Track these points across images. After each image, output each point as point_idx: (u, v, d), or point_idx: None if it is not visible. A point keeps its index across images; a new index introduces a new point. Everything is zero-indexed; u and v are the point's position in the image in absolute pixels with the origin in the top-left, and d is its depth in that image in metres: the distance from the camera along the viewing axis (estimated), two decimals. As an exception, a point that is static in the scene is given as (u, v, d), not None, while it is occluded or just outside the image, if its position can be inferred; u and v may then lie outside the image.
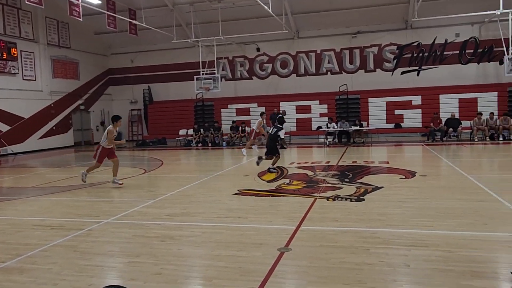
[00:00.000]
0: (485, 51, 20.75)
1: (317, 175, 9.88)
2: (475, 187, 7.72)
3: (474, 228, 5.27)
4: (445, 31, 21.09)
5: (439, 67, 21.40)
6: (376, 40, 22.17)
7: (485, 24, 20.43)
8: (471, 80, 20.99)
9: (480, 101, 20.06)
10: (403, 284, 3.74)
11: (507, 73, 18.19)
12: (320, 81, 22.86)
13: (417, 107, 20.96)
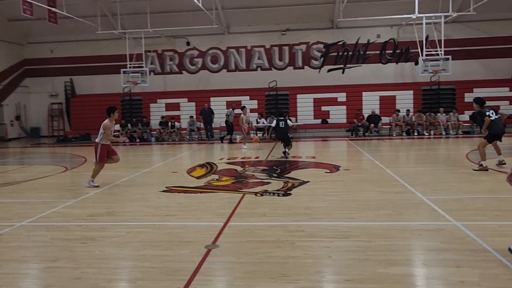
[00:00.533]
0: (403, 52, 22.23)
1: (246, 170, 9.97)
2: (392, 180, 8.26)
3: (391, 218, 5.63)
4: (368, 32, 22.26)
5: (362, 66, 22.56)
6: (304, 38, 22.82)
7: (403, 27, 21.89)
8: (390, 79, 22.41)
9: (398, 99, 21.50)
10: (325, 275, 3.89)
11: (421, 73, 19.69)
12: (250, 77, 23.06)
13: (342, 104, 21.95)
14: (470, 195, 6.81)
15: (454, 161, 10.91)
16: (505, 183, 7.69)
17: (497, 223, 5.22)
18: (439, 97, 21.28)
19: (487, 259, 4.07)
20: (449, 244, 4.53)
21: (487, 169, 8.85)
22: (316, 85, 22.47)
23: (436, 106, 20.31)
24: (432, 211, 5.87)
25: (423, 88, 21.64)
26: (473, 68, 21.70)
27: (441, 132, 18.57)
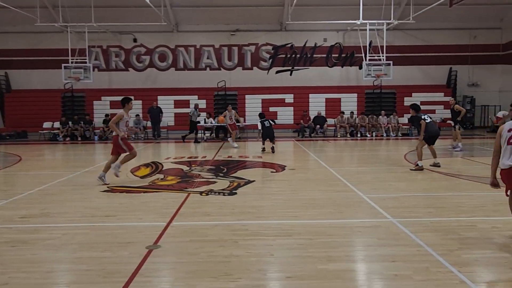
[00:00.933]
0: (348, 56, 23.01)
1: (192, 170, 9.85)
2: (335, 179, 8.50)
3: (332, 216, 5.79)
4: (315, 35, 22.82)
5: (309, 69, 23.08)
6: (254, 39, 22.96)
7: (348, 32, 22.64)
8: (336, 82, 23.10)
9: (343, 101, 22.21)
10: (266, 273, 3.92)
11: (364, 77, 20.46)
12: (199, 76, 22.85)
13: (290, 105, 22.33)
14: (406, 193, 7.15)
15: (393, 162, 11.42)
16: (438, 182, 8.19)
17: (430, 219, 5.52)
18: (381, 100, 22.24)
19: (419, 253, 4.29)
20: (385, 240, 4.73)
21: (422, 169, 9.35)
22: (265, 86, 22.69)
23: (378, 109, 21.22)
24: (371, 209, 6.11)
25: (366, 91, 22.51)
26: (412, 74, 22.89)
27: (382, 133, 19.42)
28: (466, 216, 5.66)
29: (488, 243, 4.59)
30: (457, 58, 23.09)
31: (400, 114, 21.00)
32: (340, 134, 19.47)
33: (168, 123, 20.75)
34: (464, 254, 4.25)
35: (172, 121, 21.80)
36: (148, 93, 22.18)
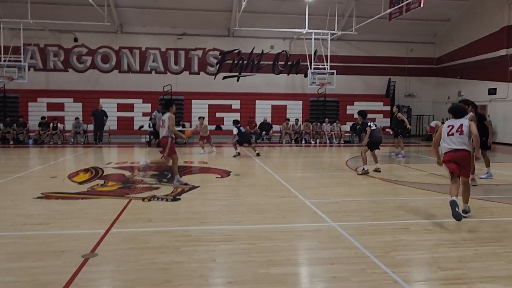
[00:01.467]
0: (294, 64, 23.53)
1: (135, 175, 9.57)
2: (279, 185, 8.61)
3: (275, 221, 5.85)
4: (262, 42, 23.12)
5: (256, 75, 23.33)
6: (201, 43, 22.85)
7: (294, 40, 23.16)
8: (282, 89, 23.53)
9: (289, 108, 22.65)
10: (208, 278, 3.87)
11: (309, 85, 21.01)
12: (144, 79, 22.33)
13: (236, 111, 22.36)
14: (346, 198, 7.40)
15: (335, 168, 11.78)
16: (377, 187, 8.55)
17: (368, 222, 5.74)
18: (325, 108, 22.94)
19: (357, 255, 4.44)
20: (325, 244, 4.85)
21: (368, 172, 9.73)
22: (211, 91, 22.61)
23: (322, 116, 21.84)
24: (313, 214, 6.24)
25: (311, 99, 23.12)
26: (354, 83, 23.85)
27: (325, 141, 19.99)
28: (401, 219, 5.94)
29: (420, 245, 4.85)
30: (396, 69, 24.40)
31: (343, 122, 21.76)
32: (285, 141, 19.80)
33: (111, 127, 20.02)
34: (398, 255, 4.46)
35: (115, 125, 21.06)
36: (90, 95, 21.32)
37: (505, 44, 19.39)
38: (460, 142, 5.94)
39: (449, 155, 5.99)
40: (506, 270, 4.06)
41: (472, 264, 4.19)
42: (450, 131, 6.05)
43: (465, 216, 5.85)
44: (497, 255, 4.48)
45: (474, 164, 8.68)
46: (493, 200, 7.28)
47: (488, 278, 3.85)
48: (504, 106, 19.56)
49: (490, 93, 20.39)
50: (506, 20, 19.33)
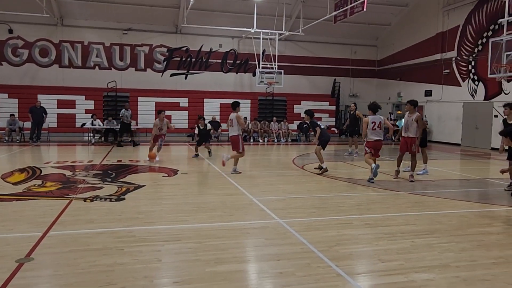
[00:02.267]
0: (242, 63, 23.61)
1: (76, 175, 9.15)
2: (227, 183, 8.61)
3: (222, 219, 5.83)
4: (211, 40, 22.98)
5: (204, 73, 23.16)
6: (147, 40, 22.30)
7: (243, 39, 23.24)
8: (231, 88, 23.53)
9: (237, 107, 22.66)
10: (153, 279, 3.78)
11: (258, 84, 21.19)
12: (87, 75, 21.44)
13: (184, 109, 22.10)
14: (293, 195, 7.53)
15: (282, 166, 11.96)
16: (322, 184, 8.79)
17: (312, 219, 5.89)
18: (273, 107, 23.24)
19: (302, 251, 4.54)
20: (272, 240, 4.91)
21: (327, 170, 9.87)
22: (159, 89, 22.16)
23: (270, 115, 22.10)
24: (260, 211, 6.30)
25: (259, 98, 23.32)
26: (301, 83, 24.36)
27: (273, 139, 20.25)
28: (344, 214, 6.15)
29: (362, 238, 5.05)
30: (340, 70, 25.22)
31: (290, 120, 22.15)
32: (234, 139, 19.79)
33: (50, 125, 19.01)
34: (342, 249, 4.61)
35: (55, 122, 20.03)
36: (26, 91, 20.14)
37: (439, 49, 20.67)
38: (380, 134, 8.85)
39: (374, 144, 8.77)
40: (439, 260, 4.32)
41: (409, 255, 4.42)
42: (373, 127, 8.65)
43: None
44: (431, 246, 4.76)
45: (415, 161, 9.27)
46: (428, 195, 7.72)
47: (423, 268, 4.07)
48: (439, 107, 20.84)
49: (427, 95, 21.63)
50: (440, 26, 20.60)
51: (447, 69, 20.27)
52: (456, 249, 4.69)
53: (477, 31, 18.68)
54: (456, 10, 19.76)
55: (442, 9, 20.46)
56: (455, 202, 7.21)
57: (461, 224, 5.71)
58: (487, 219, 6.11)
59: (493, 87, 17.55)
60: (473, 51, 18.91)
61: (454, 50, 19.95)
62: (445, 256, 4.44)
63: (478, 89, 18.60)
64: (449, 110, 20.12)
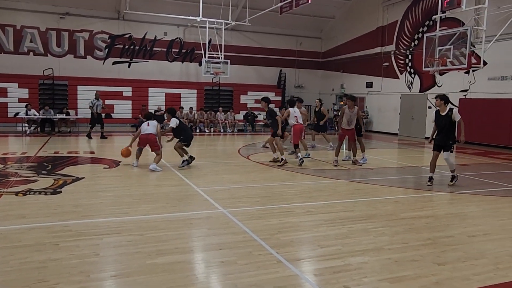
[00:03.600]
0: (188, 52, 23.22)
1: (7, 167, 8.60)
2: (171, 173, 8.48)
3: (165, 210, 5.75)
4: (155, 28, 22.35)
5: (149, 62, 22.53)
6: (87, 25, 21.28)
7: (189, 28, 22.83)
8: (176, 77, 23.10)
9: (183, 97, 22.34)
10: (89, 274, 3.65)
11: (204, 73, 20.96)
12: (20, 61, 20.10)
13: (128, 99, 21.40)
14: (237, 185, 7.57)
15: (228, 156, 11.98)
16: (266, 174, 8.88)
17: (256, 208, 5.96)
18: (219, 97, 23.12)
19: (244, 239, 4.58)
20: (215, 230, 4.92)
21: (287, 162, 9.78)
22: (100, 77, 21.28)
23: (216, 105, 21.97)
24: (204, 201, 6.28)
25: (205, 88, 23.09)
26: (247, 73, 24.41)
27: (219, 129, 20.18)
28: (287, 203, 6.28)
29: (303, 226, 5.19)
30: (286, 61, 25.54)
31: (237, 111, 22.15)
32: (179, 129, 19.50)
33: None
34: (283, 237, 4.71)
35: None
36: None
37: (379, 42, 21.52)
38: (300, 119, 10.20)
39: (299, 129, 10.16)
40: (374, 243, 4.54)
41: (346, 240, 4.61)
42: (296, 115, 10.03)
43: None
44: (367, 231, 4.99)
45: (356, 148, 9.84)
46: (367, 182, 8.08)
47: (358, 252, 4.26)
48: (379, 98, 21.76)
49: (368, 86, 22.50)
50: (380, 21, 21.43)
51: (386, 62, 21.17)
52: (390, 232, 4.95)
53: (413, 26, 19.64)
54: (395, 6, 20.63)
55: (382, 4, 21.27)
56: (391, 188, 7.60)
57: (395, 210, 6.03)
58: (419, 204, 6.50)
59: (428, 80, 18.59)
60: (410, 45, 19.89)
61: (393, 44, 20.86)
62: (380, 239, 4.67)
63: (414, 81, 19.63)
64: (388, 101, 21.07)
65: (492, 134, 15.36)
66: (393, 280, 3.60)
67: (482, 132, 15.68)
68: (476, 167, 10.58)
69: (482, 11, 12.92)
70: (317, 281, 3.57)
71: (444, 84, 17.85)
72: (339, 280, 3.58)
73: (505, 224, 5.43)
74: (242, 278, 3.59)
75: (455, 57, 13.51)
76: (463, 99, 16.66)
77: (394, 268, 3.87)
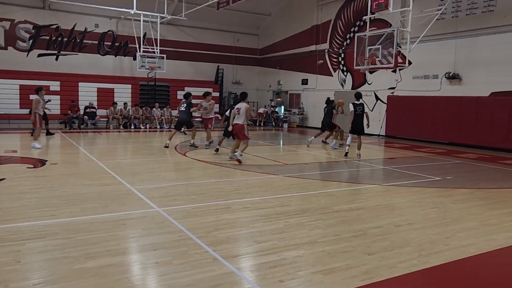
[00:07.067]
0: (122, 46, 22.33)
1: None
2: (103, 172, 8.11)
3: (96, 211, 5.47)
4: (85, 19, 21.24)
5: (79, 55, 21.38)
6: (8, 14, 19.71)
7: (122, 21, 21.96)
8: (109, 71, 22.14)
9: (117, 92, 21.47)
10: (8, 283, 3.37)
11: (138, 68, 20.31)
12: None
13: (56, 93, 20.12)
14: (173, 183, 7.41)
15: (164, 153, 11.69)
16: (202, 170, 8.79)
17: (192, 205, 5.86)
18: (155, 92, 22.51)
19: (180, 239, 4.49)
20: (149, 230, 4.77)
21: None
22: (24, 70, 19.83)
23: (152, 101, 21.37)
24: (138, 200, 6.07)
25: (140, 83, 22.37)
26: (184, 69, 24.01)
27: (156, 126, 19.67)
28: (224, 199, 6.25)
29: (239, 222, 5.18)
30: (224, 57, 25.46)
31: (174, 107, 21.68)
32: (113, 126, 18.76)
33: None
34: (219, 234, 4.67)
35: None
36: None
37: (314, 40, 22.14)
38: (238, 118, 9.60)
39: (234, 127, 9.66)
40: (308, 237, 4.65)
41: (282, 235, 4.68)
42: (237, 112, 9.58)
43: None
44: (302, 224, 5.10)
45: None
46: (303, 177, 8.27)
47: (294, 246, 4.34)
48: (314, 95, 22.41)
49: (303, 83, 23.08)
50: (315, 20, 22.05)
51: (321, 60, 21.83)
52: (324, 225, 5.10)
53: (346, 26, 20.42)
54: (328, 5, 21.30)
55: (316, 3, 21.87)
56: (325, 182, 7.85)
57: (329, 203, 6.23)
58: (351, 197, 6.78)
59: (359, 77, 19.45)
60: (342, 44, 20.66)
61: (326, 42, 21.55)
62: (314, 233, 4.80)
63: (347, 79, 20.44)
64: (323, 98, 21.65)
65: (417, 129, 16.42)
66: (326, 272, 3.71)
67: (408, 127, 16.72)
68: (402, 160, 11.25)
69: (407, 14, 13.71)
70: (253, 277, 3.59)
71: (374, 82, 18.78)
72: (275, 275, 3.62)
73: (427, 213, 5.82)
74: (178, 279, 3.51)
75: (383, 56, 14.22)
76: (391, 96, 17.64)
77: (327, 260, 3.99)
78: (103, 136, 16.03)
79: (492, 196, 7.08)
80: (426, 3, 15.58)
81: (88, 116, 18.46)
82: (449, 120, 15.25)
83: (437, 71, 15.99)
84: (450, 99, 15.28)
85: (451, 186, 7.81)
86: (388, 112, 17.59)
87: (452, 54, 15.46)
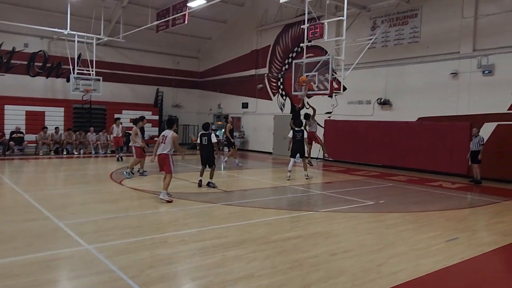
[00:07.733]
0: (54, 67, 21.32)
1: None
2: (28, 206, 7.54)
3: (18, 252, 5.03)
4: (13, 38, 20.11)
5: (5, 76, 20.10)
6: None
7: (54, 41, 21.03)
8: (40, 94, 20.99)
9: (48, 115, 20.27)
10: None
11: (72, 90, 19.45)
12: None
13: (-22, 117, 18.68)
14: (106, 216, 7.03)
15: (98, 181, 11.17)
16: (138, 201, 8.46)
17: (126, 240, 5.58)
18: (91, 116, 21.59)
19: (110, 280, 4.23)
20: (77, 272, 4.46)
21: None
22: None
23: (87, 125, 20.44)
24: (67, 237, 5.68)
25: (74, 106, 21.38)
26: (122, 91, 23.37)
27: (90, 151, 18.79)
28: (160, 232, 6.03)
29: (176, 257, 5.00)
30: (163, 80, 25.15)
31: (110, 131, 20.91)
32: (42, 152, 17.65)
33: None
34: (153, 272, 4.47)
35: None
36: None
37: (254, 65, 22.55)
38: (162, 147, 8.25)
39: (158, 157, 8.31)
40: (245, 270, 4.59)
41: (218, 270, 4.58)
42: (161, 140, 8.29)
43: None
44: (239, 257, 5.03)
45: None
46: (242, 205, 8.23)
47: (230, 282, 4.25)
48: (254, 118, 22.67)
49: (243, 107, 23.30)
50: (255, 44, 22.52)
51: (260, 84, 22.23)
52: (261, 257, 5.07)
53: (284, 51, 21.04)
54: (267, 31, 21.87)
55: (256, 29, 22.38)
56: (264, 210, 7.86)
57: (267, 232, 6.22)
58: (289, 225, 6.83)
59: (297, 102, 19.97)
60: (281, 69, 21.22)
61: (266, 67, 22.02)
62: (251, 266, 4.74)
63: (285, 103, 20.93)
64: (263, 121, 22.07)
65: (353, 152, 17.11)
66: (262, 310, 3.66)
67: (345, 151, 17.36)
68: (339, 184, 11.60)
69: (341, 43, 14.41)
70: (187, 320, 3.44)
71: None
72: (209, 316, 3.51)
73: (361, 240, 6.00)
74: (105, 327, 3.28)
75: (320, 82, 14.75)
76: (328, 120, 18.29)
77: (263, 296, 3.94)
78: (31, 163, 15.02)
79: (420, 219, 7.46)
80: (359, 32, 16.50)
81: (14, 142, 17.27)
82: (381, 144, 16.06)
83: (370, 97, 16.86)
84: (382, 123, 16.14)
85: (385, 210, 8.15)
86: (325, 135, 18.19)
87: (383, 81, 16.42)
